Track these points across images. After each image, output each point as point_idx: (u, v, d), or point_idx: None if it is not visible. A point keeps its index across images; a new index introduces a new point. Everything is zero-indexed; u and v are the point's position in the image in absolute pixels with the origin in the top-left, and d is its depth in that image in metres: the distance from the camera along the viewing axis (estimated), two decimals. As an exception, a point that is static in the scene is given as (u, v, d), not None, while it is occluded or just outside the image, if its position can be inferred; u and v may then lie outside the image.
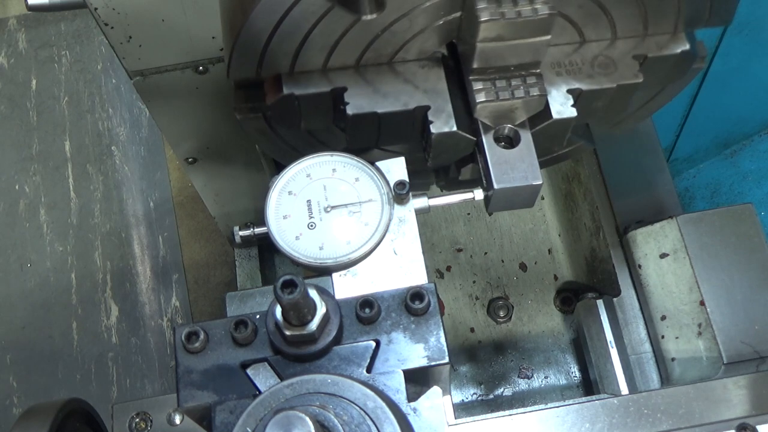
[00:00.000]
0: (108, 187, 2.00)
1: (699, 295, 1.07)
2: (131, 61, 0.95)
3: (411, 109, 0.80)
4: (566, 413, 0.86)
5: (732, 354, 1.03)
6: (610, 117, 0.88)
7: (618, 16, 0.80)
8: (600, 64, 0.81)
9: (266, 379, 0.67)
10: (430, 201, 0.79)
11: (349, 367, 0.67)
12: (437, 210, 0.81)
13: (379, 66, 0.81)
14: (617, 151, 1.30)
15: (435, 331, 0.68)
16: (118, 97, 2.12)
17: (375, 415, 0.61)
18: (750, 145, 2.01)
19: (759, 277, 1.07)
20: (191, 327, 0.68)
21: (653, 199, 1.27)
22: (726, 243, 1.09)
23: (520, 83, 0.78)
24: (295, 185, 0.77)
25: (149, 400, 1.03)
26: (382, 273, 0.74)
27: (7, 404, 1.81)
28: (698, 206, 1.98)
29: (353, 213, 0.76)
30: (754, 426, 0.83)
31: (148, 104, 1.06)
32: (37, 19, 2.21)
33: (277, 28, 0.75)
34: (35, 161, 2.05)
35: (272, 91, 0.81)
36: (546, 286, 1.46)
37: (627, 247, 1.22)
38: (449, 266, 1.48)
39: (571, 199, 1.43)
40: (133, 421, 1.03)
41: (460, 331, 1.43)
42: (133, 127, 2.06)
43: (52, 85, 2.14)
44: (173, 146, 1.18)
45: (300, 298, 0.61)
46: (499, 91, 0.78)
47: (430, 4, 0.75)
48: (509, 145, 0.80)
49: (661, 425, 0.85)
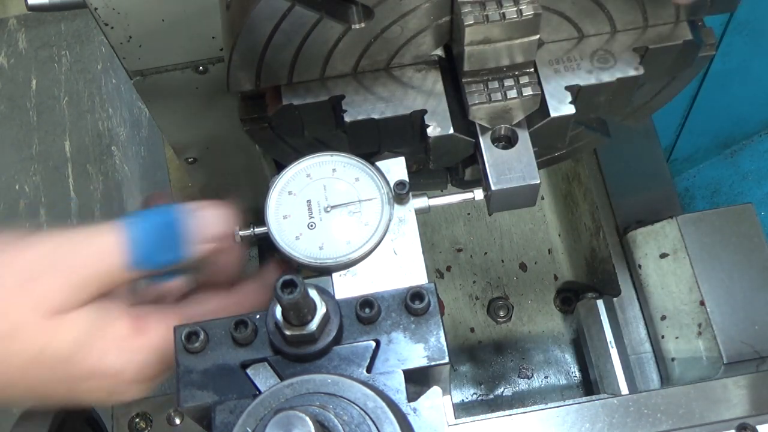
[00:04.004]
0: (108, 187, 2.00)
1: (699, 295, 1.07)
2: (131, 61, 0.95)
3: (408, 114, 0.80)
4: (566, 413, 0.86)
5: (732, 354, 1.03)
6: (616, 110, 0.87)
7: (615, 9, 0.80)
8: (599, 58, 0.81)
9: (266, 379, 0.67)
10: (430, 201, 0.79)
11: (349, 367, 0.67)
12: (437, 210, 0.81)
13: (377, 72, 0.82)
14: (617, 151, 1.30)
15: (435, 331, 0.68)
16: (118, 97, 2.12)
17: (375, 415, 0.61)
18: (750, 145, 2.01)
19: (759, 277, 1.07)
20: (191, 327, 0.68)
21: (653, 199, 1.27)
22: (726, 243, 1.09)
23: (513, 83, 0.78)
24: (295, 185, 0.77)
25: (149, 401, 1.03)
26: (382, 273, 0.74)
27: (7, 404, 1.81)
28: (698, 206, 1.98)
29: (353, 213, 0.76)
30: (754, 426, 0.83)
31: (148, 104, 1.06)
32: (37, 19, 2.21)
33: (270, 42, 0.75)
34: (35, 161, 2.05)
35: (273, 102, 0.82)
36: (546, 286, 1.46)
37: (627, 247, 1.22)
38: (449, 266, 1.48)
39: (571, 199, 1.43)
40: (133, 422, 1.03)
41: (460, 331, 1.43)
42: (133, 127, 2.06)
43: (52, 85, 2.14)
44: (173, 146, 1.18)
45: (300, 298, 0.62)
46: (491, 92, 0.78)
47: (418, 10, 0.75)
48: (507, 145, 0.80)
49: (661, 425, 0.85)
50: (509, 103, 0.78)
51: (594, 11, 0.80)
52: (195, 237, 0.73)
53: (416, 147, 0.84)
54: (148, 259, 0.71)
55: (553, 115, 0.78)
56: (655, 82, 0.91)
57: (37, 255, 0.68)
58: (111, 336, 0.69)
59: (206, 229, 0.73)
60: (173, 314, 0.73)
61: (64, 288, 0.67)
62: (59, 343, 0.67)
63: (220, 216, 0.75)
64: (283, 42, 0.75)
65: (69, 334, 0.67)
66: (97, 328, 0.68)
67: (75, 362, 0.67)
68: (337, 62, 0.79)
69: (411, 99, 0.81)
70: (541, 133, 0.80)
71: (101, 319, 0.69)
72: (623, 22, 0.81)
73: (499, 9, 0.72)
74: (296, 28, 0.74)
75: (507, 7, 0.72)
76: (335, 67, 0.80)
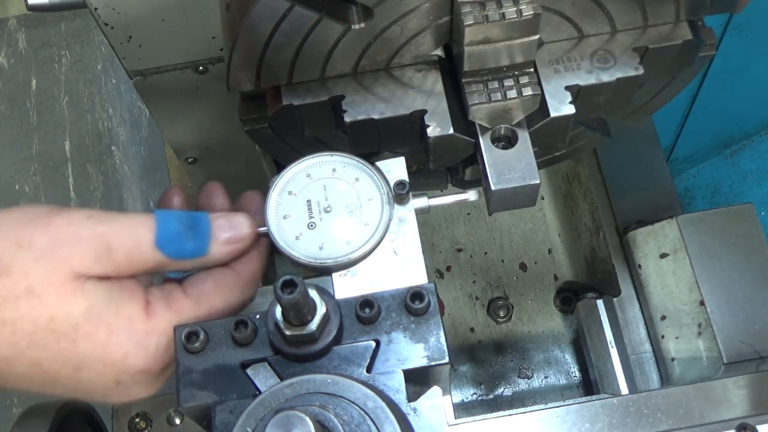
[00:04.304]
0: (108, 187, 2.00)
1: (699, 295, 1.07)
2: (131, 61, 0.95)
3: (408, 114, 0.80)
4: (566, 413, 0.86)
5: (732, 354, 1.03)
6: (617, 110, 0.87)
7: (615, 9, 0.80)
8: (599, 58, 0.80)
9: (266, 379, 0.67)
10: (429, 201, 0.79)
11: (349, 367, 0.67)
12: (437, 210, 0.81)
13: (377, 72, 0.82)
14: (617, 151, 1.30)
15: (435, 331, 0.68)
16: (118, 97, 2.12)
17: (375, 415, 0.61)
18: (750, 145, 2.01)
19: (759, 277, 1.07)
20: (191, 327, 0.68)
21: (653, 199, 1.27)
22: (726, 243, 1.09)
23: (513, 83, 0.78)
24: (295, 185, 0.77)
25: (149, 401, 1.03)
26: (382, 273, 0.74)
27: (7, 404, 1.81)
28: (698, 206, 1.98)
29: (353, 213, 0.76)
30: (754, 426, 0.83)
31: (148, 104, 1.06)
32: (37, 19, 2.21)
33: (270, 42, 0.75)
34: (35, 161, 2.05)
35: (273, 102, 0.82)
36: (546, 286, 1.46)
37: (627, 247, 1.22)
38: (449, 266, 1.48)
39: (571, 199, 1.43)
40: (133, 422, 1.03)
41: (460, 331, 1.43)
42: (133, 127, 2.06)
43: (52, 85, 2.14)
44: (173, 146, 1.18)
45: (300, 298, 0.61)
46: (491, 92, 0.78)
47: (418, 10, 0.75)
48: (507, 145, 0.80)
49: (661, 425, 0.85)
50: (509, 103, 0.78)
51: (594, 11, 0.80)
52: (221, 236, 0.74)
53: (416, 147, 0.84)
54: (174, 242, 0.71)
55: (553, 115, 0.78)
56: (655, 82, 0.91)
57: (68, 221, 0.68)
58: (123, 314, 0.68)
59: (233, 228, 0.74)
60: (188, 303, 0.72)
61: (87, 254, 0.67)
62: (70, 309, 0.66)
63: (246, 220, 0.75)
64: (283, 42, 0.75)
65: (82, 302, 0.66)
66: (111, 303, 0.68)
67: (83, 335, 0.67)
68: (337, 62, 0.79)
69: (411, 99, 0.81)
70: (542, 132, 0.80)
71: (117, 296, 0.69)
72: (623, 22, 0.81)
73: (499, 9, 0.72)
74: (296, 29, 0.74)
75: (507, 7, 0.72)
76: (335, 67, 0.80)
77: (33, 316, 0.66)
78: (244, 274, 0.76)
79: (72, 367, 0.68)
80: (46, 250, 0.66)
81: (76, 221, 0.68)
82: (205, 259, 0.74)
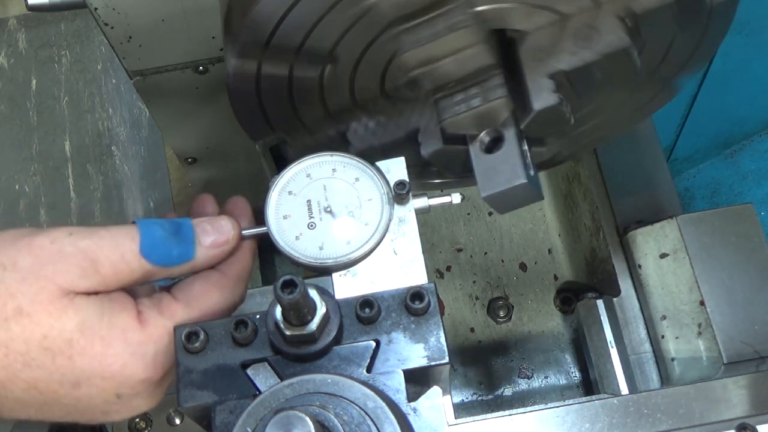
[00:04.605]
0: (108, 187, 2.00)
1: (699, 295, 1.07)
2: (131, 61, 0.95)
3: (403, 136, 0.80)
4: (566, 413, 0.86)
5: (732, 354, 1.03)
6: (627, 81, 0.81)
7: None
8: (582, 36, 0.75)
9: (266, 379, 0.67)
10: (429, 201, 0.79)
11: (349, 367, 0.67)
12: (437, 210, 0.81)
13: (376, 98, 0.81)
14: (617, 151, 1.30)
15: (435, 331, 0.68)
16: (118, 97, 2.12)
17: (375, 415, 0.61)
18: (750, 145, 2.01)
19: (759, 277, 1.07)
20: (191, 327, 0.68)
21: (653, 199, 1.27)
22: (726, 243, 1.09)
23: (479, 91, 0.76)
24: (295, 185, 0.77)
25: (149, 400, 1.03)
26: (382, 273, 0.74)
27: (7, 404, 1.81)
28: (698, 206, 1.98)
29: (353, 213, 0.75)
30: (754, 426, 0.83)
31: (148, 104, 1.06)
32: (37, 19, 2.21)
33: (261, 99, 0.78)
34: (35, 161, 2.05)
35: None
36: (546, 286, 1.46)
37: (627, 247, 1.22)
38: (449, 266, 1.48)
39: (571, 199, 1.43)
40: (133, 422, 1.03)
41: (460, 331, 1.43)
42: (133, 127, 2.06)
43: (52, 85, 2.14)
44: (173, 146, 1.18)
45: (300, 298, 0.61)
46: (456, 104, 0.77)
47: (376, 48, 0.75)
48: (494, 149, 0.77)
49: (661, 425, 0.85)
50: (480, 110, 0.76)
51: None
52: (206, 240, 0.74)
53: (421, 160, 0.84)
54: (159, 250, 0.71)
55: (537, 109, 0.74)
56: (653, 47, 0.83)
57: (50, 240, 0.68)
58: (117, 326, 0.68)
59: (217, 232, 0.75)
60: (179, 307, 0.72)
61: (73, 270, 0.67)
62: (62, 325, 0.66)
63: (230, 222, 0.76)
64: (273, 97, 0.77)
65: (74, 318, 0.66)
66: (103, 316, 0.68)
67: (78, 350, 0.66)
68: (334, 98, 0.79)
69: (405, 119, 0.80)
70: (537, 125, 0.77)
71: (108, 309, 0.68)
72: None
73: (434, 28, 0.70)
74: (276, 83, 0.75)
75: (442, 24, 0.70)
76: (335, 103, 0.80)
77: (25, 335, 0.65)
78: (230, 274, 0.76)
79: (70, 384, 0.67)
80: (31, 270, 0.66)
81: (58, 239, 0.68)
82: (192, 264, 0.74)
